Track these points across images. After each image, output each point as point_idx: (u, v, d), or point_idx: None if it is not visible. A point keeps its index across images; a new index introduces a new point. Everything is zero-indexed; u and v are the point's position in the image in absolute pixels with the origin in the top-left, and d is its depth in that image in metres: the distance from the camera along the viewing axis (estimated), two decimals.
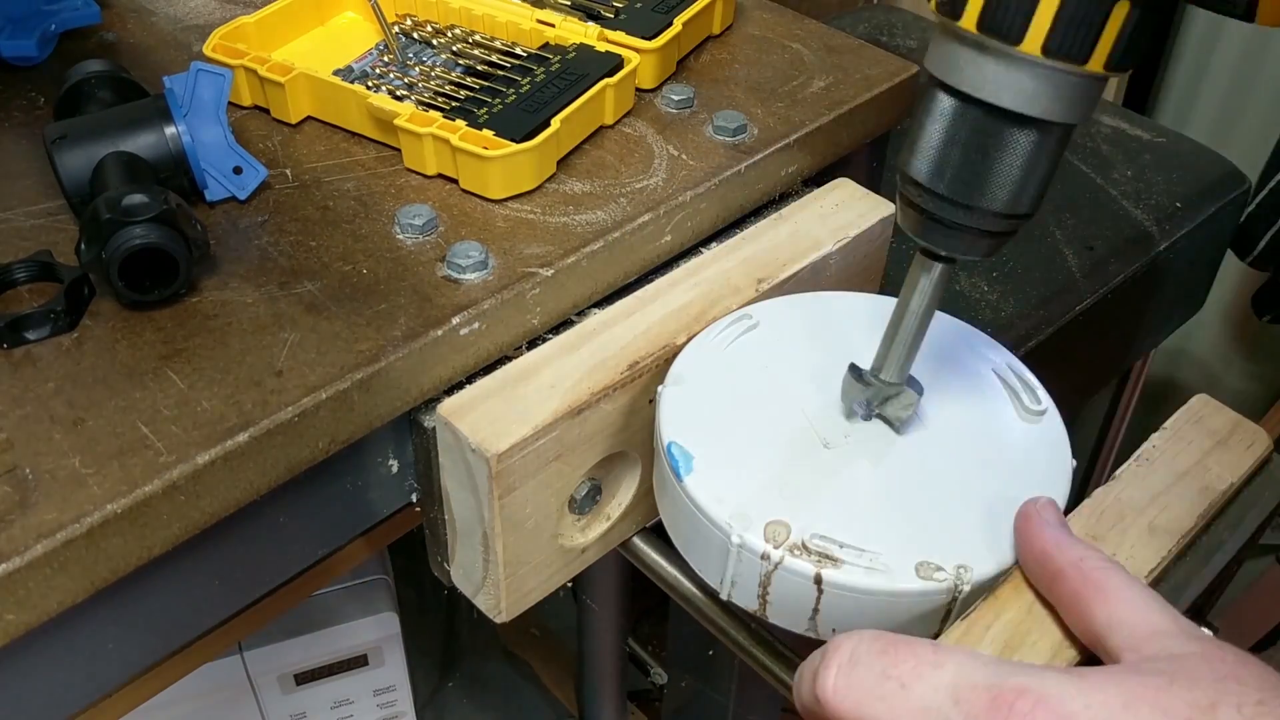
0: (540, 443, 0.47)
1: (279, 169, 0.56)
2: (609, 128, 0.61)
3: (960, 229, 0.42)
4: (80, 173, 0.50)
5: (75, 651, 0.45)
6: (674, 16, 0.64)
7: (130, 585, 0.43)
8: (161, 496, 0.41)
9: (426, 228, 0.53)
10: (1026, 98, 0.38)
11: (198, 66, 0.53)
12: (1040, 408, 0.50)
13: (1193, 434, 0.49)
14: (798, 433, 0.49)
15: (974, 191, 0.41)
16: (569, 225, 0.54)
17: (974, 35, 0.38)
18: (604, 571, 0.92)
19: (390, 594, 1.07)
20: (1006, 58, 0.38)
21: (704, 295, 0.54)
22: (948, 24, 0.38)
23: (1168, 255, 0.84)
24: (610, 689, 1.07)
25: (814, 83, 0.65)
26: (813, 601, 0.44)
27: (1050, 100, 0.38)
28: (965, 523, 0.45)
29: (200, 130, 0.53)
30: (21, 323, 0.46)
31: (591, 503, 0.53)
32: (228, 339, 0.47)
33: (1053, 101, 0.38)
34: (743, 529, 0.44)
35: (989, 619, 0.42)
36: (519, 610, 0.53)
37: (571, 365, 0.50)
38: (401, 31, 0.66)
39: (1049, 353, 0.76)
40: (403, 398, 0.48)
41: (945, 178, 0.41)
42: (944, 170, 0.41)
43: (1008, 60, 0.38)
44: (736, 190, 0.59)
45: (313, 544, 0.52)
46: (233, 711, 1.05)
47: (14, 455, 0.42)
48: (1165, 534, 0.45)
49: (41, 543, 0.39)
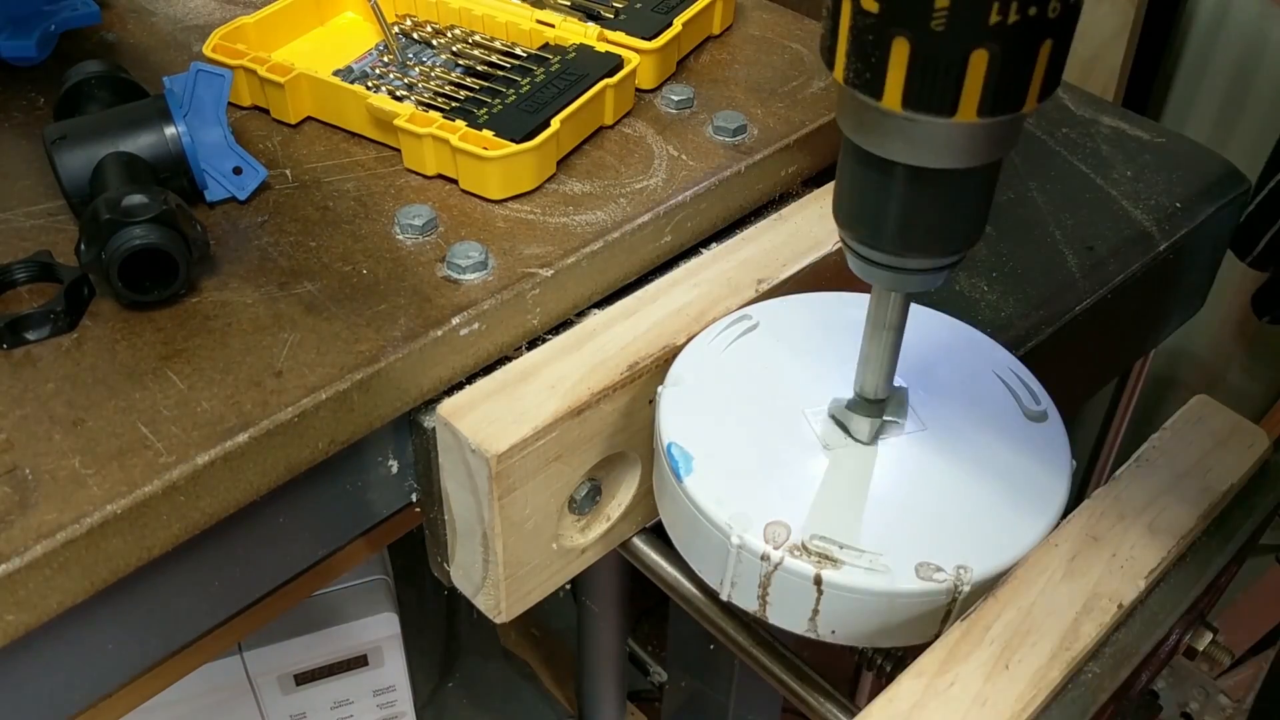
0: (540, 443, 0.47)
1: (279, 169, 0.56)
2: (609, 128, 0.61)
3: (899, 271, 0.42)
4: (80, 173, 0.50)
5: (75, 652, 0.45)
6: (674, 17, 0.64)
7: (130, 585, 0.43)
8: (161, 497, 0.41)
9: (426, 228, 0.53)
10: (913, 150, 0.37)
11: (197, 67, 0.53)
12: (1040, 408, 0.50)
13: (1193, 434, 0.49)
14: (798, 433, 0.48)
15: (900, 240, 0.40)
16: (569, 225, 0.54)
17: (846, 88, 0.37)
18: (604, 572, 0.92)
19: (390, 594, 1.07)
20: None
21: (704, 295, 0.54)
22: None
23: (1168, 255, 0.84)
24: (610, 689, 1.07)
25: (814, 83, 0.65)
26: (813, 602, 0.44)
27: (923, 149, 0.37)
28: (965, 523, 0.45)
29: (200, 130, 0.53)
30: (21, 323, 0.46)
31: (591, 503, 0.53)
32: (227, 339, 0.47)
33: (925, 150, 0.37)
34: (742, 529, 0.44)
35: (989, 619, 0.42)
36: (519, 610, 0.53)
37: (571, 366, 0.50)
38: (401, 32, 0.66)
39: (1049, 353, 0.76)
40: (402, 398, 0.48)
41: (866, 226, 0.40)
42: (861, 218, 0.41)
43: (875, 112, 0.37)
44: (736, 190, 0.59)
45: (313, 544, 0.52)
46: (232, 712, 1.05)
47: (14, 456, 0.42)
48: (1165, 535, 0.45)
49: (41, 543, 0.39)
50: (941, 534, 0.44)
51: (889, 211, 0.39)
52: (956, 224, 0.40)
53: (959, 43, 0.33)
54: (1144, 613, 0.44)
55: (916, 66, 0.34)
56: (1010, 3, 0.32)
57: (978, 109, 0.35)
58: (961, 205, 0.39)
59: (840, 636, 0.45)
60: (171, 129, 0.52)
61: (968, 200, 0.39)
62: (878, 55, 0.34)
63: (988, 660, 0.41)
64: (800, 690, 0.50)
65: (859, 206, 0.40)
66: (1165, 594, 0.44)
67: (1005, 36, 0.33)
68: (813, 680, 0.50)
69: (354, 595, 1.06)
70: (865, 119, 0.37)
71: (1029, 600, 0.42)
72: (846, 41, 0.35)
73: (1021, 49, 0.34)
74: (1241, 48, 1.38)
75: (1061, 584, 0.43)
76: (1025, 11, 0.33)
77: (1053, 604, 0.42)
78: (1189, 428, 0.50)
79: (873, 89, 0.35)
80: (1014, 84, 0.34)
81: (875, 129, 0.37)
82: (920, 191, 0.38)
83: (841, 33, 0.35)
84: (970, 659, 0.41)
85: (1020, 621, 0.42)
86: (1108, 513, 0.46)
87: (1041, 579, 0.43)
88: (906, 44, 0.34)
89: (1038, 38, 0.34)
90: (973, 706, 0.39)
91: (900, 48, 0.34)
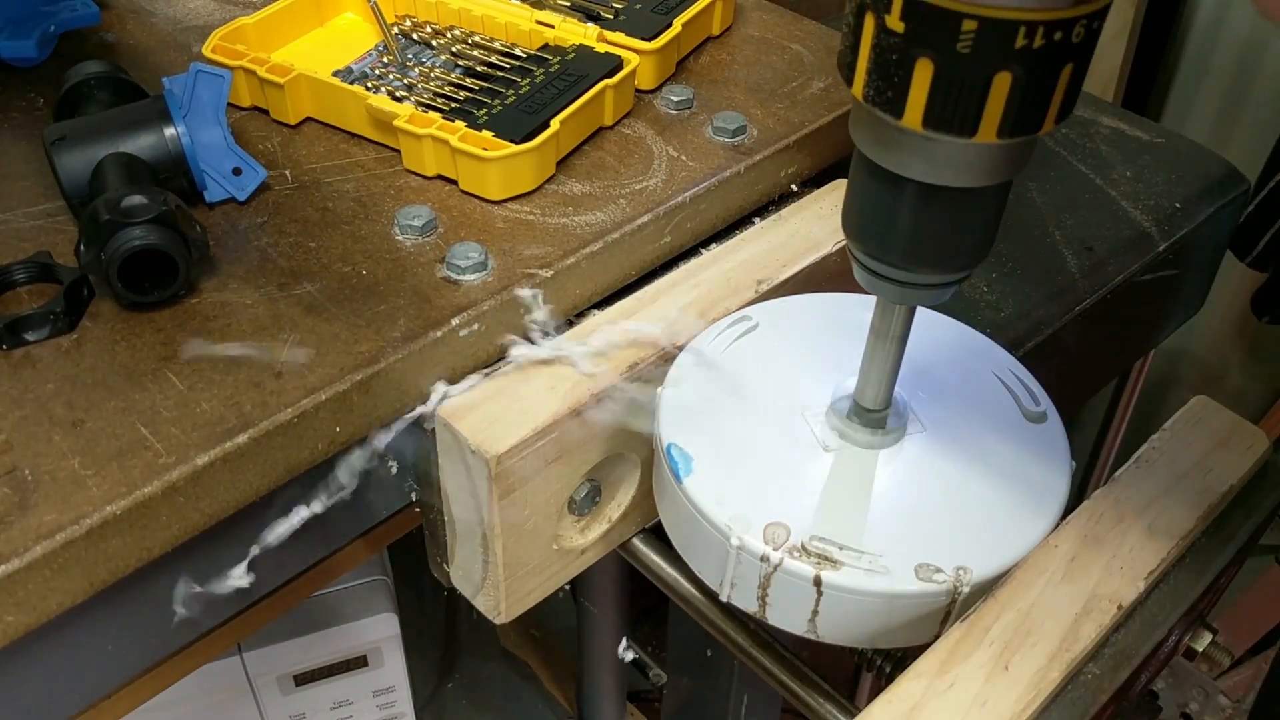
0: (540, 444, 0.47)
1: (278, 170, 0.56)
2: (608, 129, 0.61)
3: (906, 285, 0.42)
4: (80, 174, 0.50)
5: (75, 652, 0.45)
6: (673, 17, 0.64)
7: (130, 586, 0.43)
8: (161, 498, 0.41)
9: (426, 229, 0.53)
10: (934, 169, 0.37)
11: (197, 68, 0.53)
12: (1039, 409, 0.50)
13: (1192, 435, 0.49)
14: (797, 434, 0.48)
15: (913, 256, 0.40)
16: (568, 226, 0.54)
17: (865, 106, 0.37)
18: (603, 573, 0.91)
19: (390, 595, 1.07)
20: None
21: (703, 296, 0.54)
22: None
23: (1167, 255, 0.84)
24: (610, 690, 1.07)
25: (813, 84, 0.65)
26: (812, 603, 0.44)
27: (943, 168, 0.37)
28: (965, 524, 0.45)
29: (199, 131, 0.53)
30: (21, 324, 0.46)
31: (591, 504, 0.53)
32: (227, 340, 0.47)
33: (944, 169, 0.37)
34: (742, 531, 0.44)
35: (988, 620, 0.42)
36: (519, 611, 0.53)
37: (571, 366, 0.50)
38: (401, 32, 0.66)
39: (1048, 353, 0.76)
40: (402, 399, 0.48)
41: (875, 239, 0.41)
42: (872, 231, 0.41)
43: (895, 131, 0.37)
44: (736, 191, 0.59)
45: (313, 545, 0.52)
46: (232, 712, 1.05)
47: (13, 456, 0.42)
48: (1165, 535, 0.45)
49: (41, 544, 0.39)
50: (941, 535, 0.44)
51: (900, 227, 0.39)
52: (966, 241, 0.40)
53: (983, 65, 0.33)
54: (1143, 614, 0.44)
55: (939, 87, 0.34)
56: (1036, 27, 0.32)
57: (998, 130, 0.35)
58: (972, 223, 0.40)
59: (840, 637, 0.45)
60: (171, 130, 0.52)
61: (979, 218, 0.40)
62: (900, 75, 0.34)
63: (987, 661, 0.41)
64: (800, 691, 0.50)
65: (869, 220, 0.41)
66: (1165, 595, 0.44)
67: (1029, 60, 0.33)
68: (812, 681, 0.50)
69: (354, 595, 1.06)
70: (883, 136, 0.37)
71: (1028, 601, 0.42)
72: (868, 60, 0.35)
73: (1044, 72, 0.34)
74: (1241, 48, 1.38)
75: (1061, 585, 0.43)
76: (1051, 36, 0.33)
77: (1052, 605, 0.42)
78: (1189, 428, 0.50)
79: (893, 108, 0.35)
80: (1035, 106, 0.35)
81: (892, 146, 0.37)
82: (933, 208, 0.39)
83: (863, 51, 0.35)
84: (970, 660, 0.41)
85: (1020, 622, 0.42)
86: (1107, 513, 0.46)
87: (1041, 580, 0.43)
88: (931, 65, 0.34)
89: (1061, 62, 0.34)
90: (972, 707, 0.39)
91: (924, 68, 0.34)
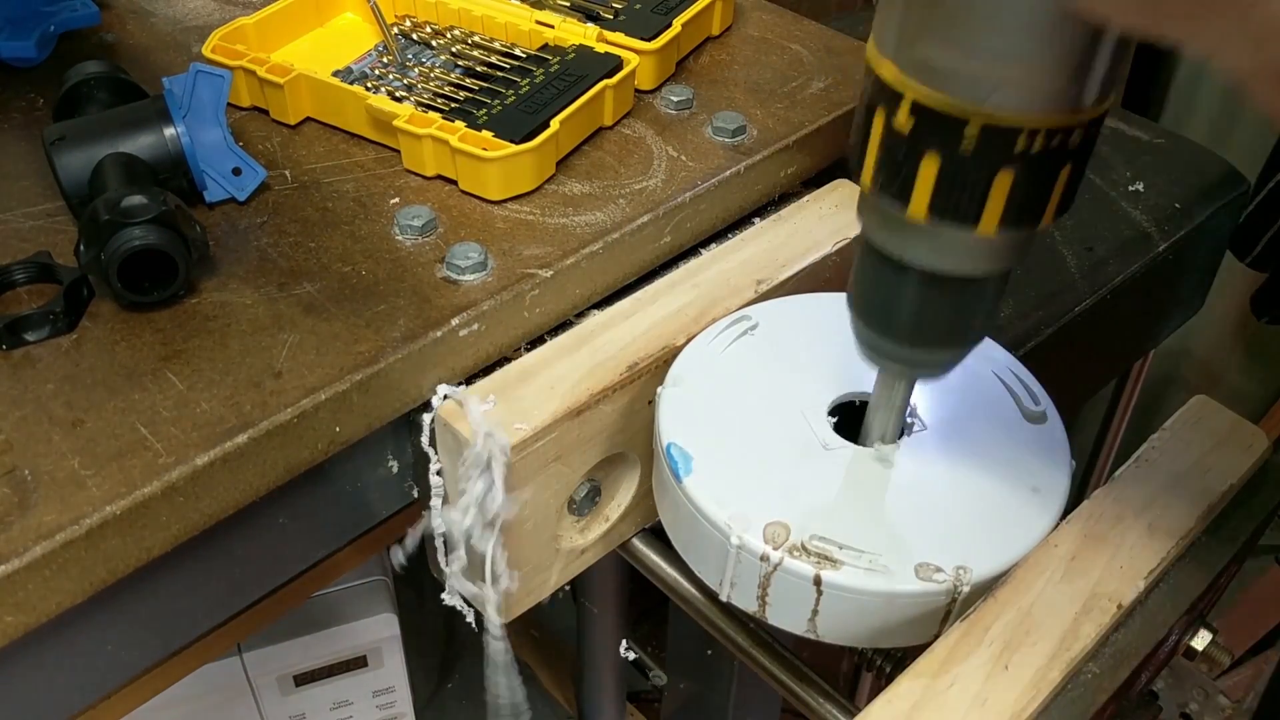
0: (539, 444, 0.47)
1: (278, 170, 0.56)
2: (608, 129, 0.61)
3: (908, 363, 0.44)
4: (79, 174, 0.50)
5: (74, 653, 0.45)
6: (673, 18, 0.64)
7: (130, 586, 0.43)
8: (160, 498, 0.41)
9: (426, 229, 0.53)
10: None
11: (197, 68, 0.53)
12: (1039, 409, 0.50)
13: (1192, 435, 0.49)
14: (797, 434, 0.48)
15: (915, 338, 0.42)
16: (568, 226, 0.54)
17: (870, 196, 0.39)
18: (603, 573, 0.91)
19: (390, 595, 1.07)
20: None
21: (703, 296, 0.54)
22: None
23: (1167, 256, 0.84)
24: (610, 690, 1.07)
25: (813, 84, 0.65)
26: (812, 602, 0.44)
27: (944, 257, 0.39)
28: (965, 523, 0.45)
29: (199, 131, 0.53)
30: (20, 324, 0.46)
31: (591, 504, 0.53)
32: (227, 340, 0.47)
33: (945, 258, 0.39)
34: (742, 530, 0.44)
35: (988, 620, 0.42)
36: (519, 611, 0.53)
37: (571, 366, 0.50)
38: (401, 32, 0.66)
39: (1049, 353, 0.76)
40: (402, 399, 0.48)
41: (879, 319, 0.42)
42: (876, 312, 0.42)
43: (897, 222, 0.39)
44: (736, 191, 0.59)
45: (312, 545, 0.52)
46: (232, 713, 1.05)
47: (13, 457, 0.42)
48: (1165, 535, 0.45)
49: (40, 544, 0.39)
50: (941, 534, 0.44)
51: (904, 308, 0.41)
52: (967, 324, 0.42)
53: (986, 165, 0.35)
54: (1143, 613, 0.44)
55: (944, 182, 0.36)
56: (1036, 133, 0.34)
57: (999, 223, 0.36)
58: (974, 307, 0.41)
59: (840, 637, 0.45)
60: (171, 130, 0.52)
61: (980, 303, 0.41)
62: (907, 169, 0.36)
63: (987, 661, 0.41)
64: (800, 691, 0.50)
65: (874, 301, 0.42)
66: (1165, 594, 0.44)
67: (1029, 162, 0.35)
68: (812, 681, 0.50)
69: (354, 596, 1.06)
70: (888, 223, 0.39)
71: (1028, 601, 0.42)
72: (876, 153, 0.37)
73: (1043, 173, 0.36)
74: None
75: (1061, 584, 0.43)
76: (1050, 141, 0.34)
77: (1052, 604, 0.42)
78: (1188, 428, 0.50)
79: (900, 198, 0.37)
80: (1034, 203, 0.36)
81: (898, 233, 0.39)
82: (936, 293, 0.40)
83: (872, 145, 0.37)
84: (970, 659, 0.41)
85: (1020, 622, 0.42)
86: (1107, 513, 0.46)
87: (1041, 579, 0.43)
88: (936, 161, 0.35)
89: (1059, 163, 0.36)
90: (972, 707, 0.39)
91: (930, 164, 0.36)
